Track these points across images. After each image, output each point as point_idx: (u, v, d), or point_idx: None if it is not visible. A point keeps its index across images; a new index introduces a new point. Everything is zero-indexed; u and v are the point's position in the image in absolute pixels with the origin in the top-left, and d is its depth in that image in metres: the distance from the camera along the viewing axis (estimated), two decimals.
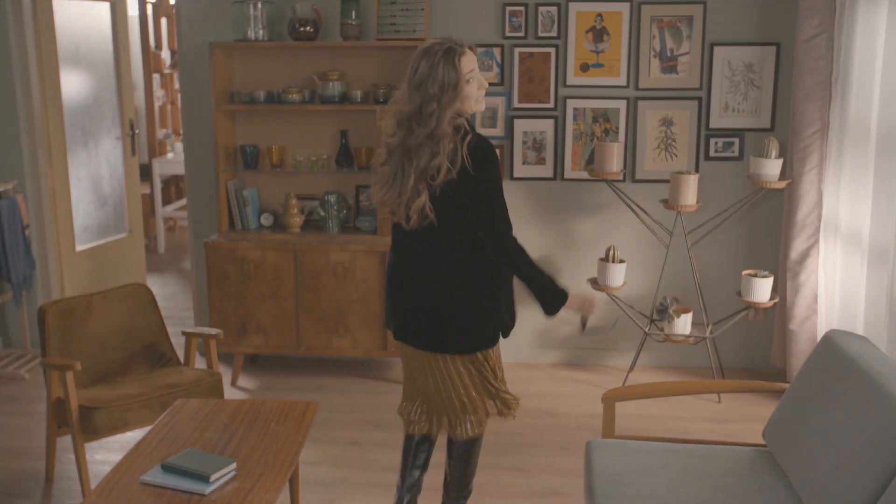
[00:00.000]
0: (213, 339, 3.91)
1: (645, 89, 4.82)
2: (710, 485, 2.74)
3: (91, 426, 3.48)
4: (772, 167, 4.46)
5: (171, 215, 8.28)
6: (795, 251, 4.50)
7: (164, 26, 8.74)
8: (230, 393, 4.66)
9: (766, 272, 4.55)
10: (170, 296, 6.58)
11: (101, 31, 5.97)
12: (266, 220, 4.98)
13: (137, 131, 6.37)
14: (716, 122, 4.82)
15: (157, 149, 8.24)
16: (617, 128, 4.85)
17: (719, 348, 4.92)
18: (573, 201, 4.97)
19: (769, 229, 4.89)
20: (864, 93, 3.95)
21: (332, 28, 4.87)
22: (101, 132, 6.04)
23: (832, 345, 2.80)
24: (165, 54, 8.86)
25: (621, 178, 4.78)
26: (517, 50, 4.83)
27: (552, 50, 4.81)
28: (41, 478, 3.79)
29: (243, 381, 4.89)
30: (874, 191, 3.81)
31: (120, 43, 6.10)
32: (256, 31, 4.74)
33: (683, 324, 4.67)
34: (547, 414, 4.45)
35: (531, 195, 4.96)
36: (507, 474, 3.82)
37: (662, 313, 4.65)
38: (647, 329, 4.73)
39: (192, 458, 2.76)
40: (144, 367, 3.97)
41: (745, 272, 4.57)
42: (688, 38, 4.75)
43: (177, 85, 8.54)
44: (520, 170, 4.95)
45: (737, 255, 4.94)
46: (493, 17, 4.82)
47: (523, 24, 4.80)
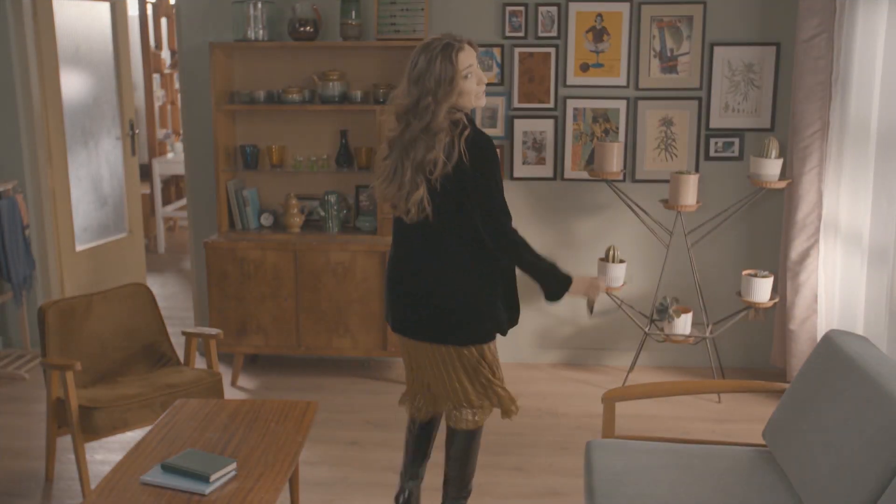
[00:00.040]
0: (213, 339, 3.91)
1: (645, 89, 4.82)
2: (710, 485, 2.74)
3: (91, 426, 3.48)
4: (772, 167, 4.46)
5: (171, 215, 8.28)
6: (795, 251, 4.50)
7: (164, 26, 8.74)
8: (230, 393, 4.66)
9: (766, 272, 4.55)
10: (170, 296, 6.58)
11: (101, 31, 5.97)
12: (266, 220, 4.98)
13: (137, 131, 6.37)
14: (716, 122, 4.82)
15: (157, 149, 8.24)
16: (617, 128, 4.85)
17: (719, 348, 4.92)
18: (573, 201, 4.97)
19: (769, 229, 4.89)
20: (864, 93, 3.95)
21: (332, 28, 4.88)
22: (101, 132, 6.04)
23: (832, 345, 2.80)
24: (165, 54, 8.86)
25: (621, 178, 4.78)
26: (517, 50, 4.83)
27: (552, 50, 4.81)
28: (41, 478, 3.79)
29: (243, 381, 4.89)
30: (874, 191, 3.81)
31: (120, 43, 6.11)
32: (256, 31, 4.74)
33: (683, 324, 4.67)
34: (547, 414, 4.45)
35: (531, 195, 4.96)
36: (507, 474, 3.82)
37: (662, 313, 4.65)
38: (647, 329, 4.73)
39: (192, 458, 2.76)
40: (144, 367, 3.97)
41: (745, 272, 4.57)
42: (688, 38, 4.75)
43: (177, 85, 8.54)
44: (520, 170, 4.95)
45: (737, 255, 4.94)
46: (493, 17, 4.82)
47: (523, 24, 4.80)
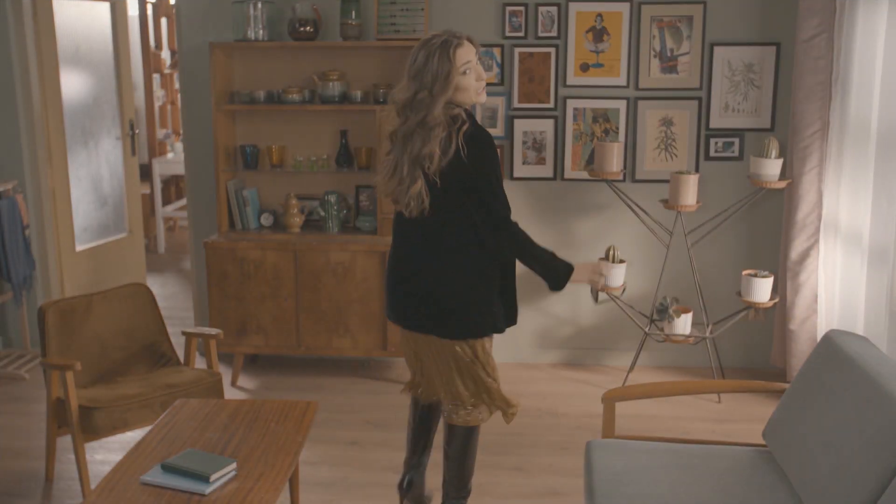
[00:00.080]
0: (213, 339, 3.91)
1: (645, 89, 4.82)
2: (710, 485, 2.74)
3: (91, 426, 3.48)
4: (772, 167, 4.46)
5: (171, 215, 8.28)
6: (795, 251, 4.50)
7: (164, 26, 8.74)
8: (230, 393, 4.66)
9: (766, 272, 4.55)
10: (170, 296, 6.58)
11: (101, 31, 5.97)
12: (266, 220, 4.98)
13: (137, 131, 6.37)
14: (716, 122, 4.82)
15: (157, 149, 8.24)
16: (617, 128, 4.85)
17: (719, 348, 4.92)
18: (573, 201, 4.97)
19: (769, 229, 4.89)
20: (864, 93, 3.95)
21: (332, 28, 4.88)
22: (101, 132, 6.04)
23: (832, 345, 2.80)
24: (165, 54, 8.86)
25: (621, 178, 4.78)
26: (517, 50, 4.83)
27: (552, 50, 4.81)
28: (41, 478, 3.79)
29: (243, 381, 4.89)
30: (874, 191, 3.81)
31: (120, 43, 6.11)
32: (256, 31, 4.74)
33: (683, 324, 4.67)
34: (547, 414, 4.45)
35: (531, 195, 4.96)
36: (507, 474, 3.81)
37: (662, 313, 4.65)
38: (647, 329, 4.73)
39: (192, 458, 2.76)
40: (144, 367, 3.97)
41: (745, 272, 4.57)
42: (688, 38, 4.75)
43: (177, 85, 8.54)
44: (520, 170, 4.95)
45: (737, 255, 4.94)
46: (493, 17, 4.82)
47: (523, 24, 4.80)
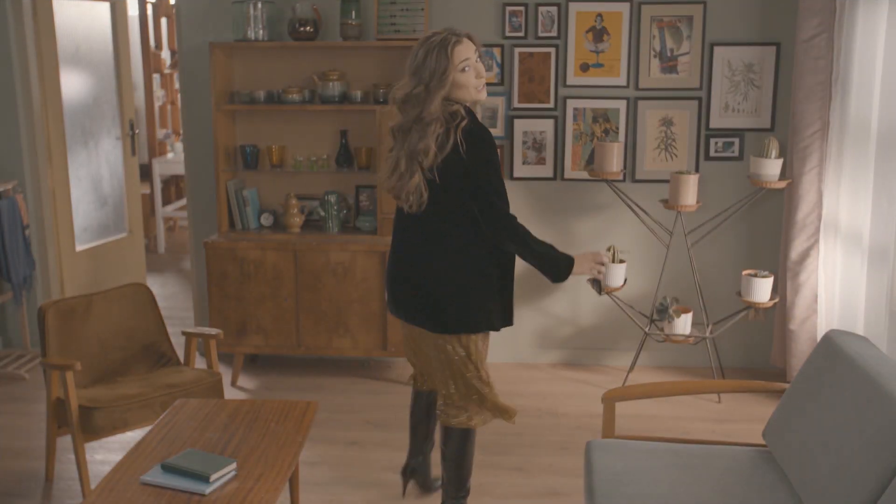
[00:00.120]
0: (213, 339, 3.91)
1: (645, 89, 4.82)
2: (710, 485, 2.74)
3: (91, 426, 3.48)
4: (772, 167, 4.46)
5: (171, 215, 8.28)
6: (795, 251, 4.50)
7: (164, 26, 8.74)
8: (230, 393, 4.66)
9: (766, 272, 4.55)
10: (170, 296, 6.58)
11: (101, 31, 5.97)
12: (266, 220, 4.98)
13: (137, 131, 6.37)
14: (716, 122, 4.82)
15: (157, 149, 8.24)
16: (617, 128, 4.85)
17: (719, 348, 4.92)
18: (573, 201, 4.97)
19: (769, 229, 4.89)
20: (864, 93, 3.95)
21: (332, 28, 4.88)
22: (101, 132, 6.04)
23: (832, 345, 2.80)
24: (165, 54, 8.86)
25: (621, 178, 4.78)
26: (517, 50, 4.83)
27: (552, 50, 4.81)
28: (41, 478, 3.79)
29: (243, 381, 4.89)
30: (874, 191, 3.81)
31: (120, 43, 6.10)
32: (256, 31, 4.74)
33: (683, 324, 4.67)
34: (547, 414, 4.45)
35: (531, 195, 4.96)
36: (507, 474, 3.81)
37: (662, 313, 4.65)
38: (647, 329, 4.73)
39: (192, 458, 2.76)
40: (144, 367, 3.97)
41: (745, 272, 4.57)
42: (688, 38, 4.75)
43: (177, 85, 8.54)
44: (520, 170, 4.94)
45: (737, 255, 4.94)
46: (493, 17, 4.82)
47: (523, 24, 4.80)
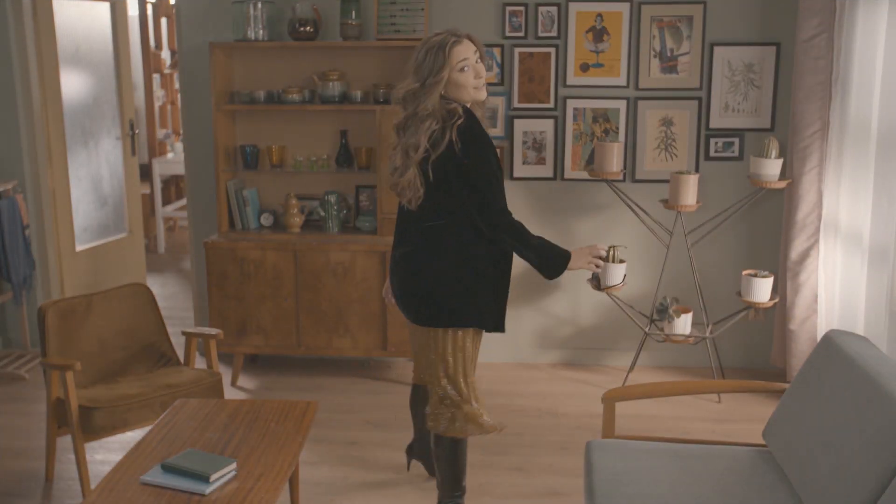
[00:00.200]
0: (213, 339, 3.91)
1: (645, 89, 4.82)
2: (710, 485, 2.74)
3: (91, 426, 3.48)
4: (772, 167, 4.46)
5: (171, 215, 8.28)
6: (795, 251, 4.50)
7: (164, 26, 8.74)
8: (230, 393, 4.66)
9: (766, 272, 4.55)
10: (170, 296, 6.58)
11: (101, 31, 5.97)
12: (266, 220, 4.98)
13: (137, 131, 6.37)
14: (716, 122, 4.82)
15: (157, 149, 8.24)
16: (617, 128, 4.85)
17: (719, 348, 4.92)
18: (573, 201, 4.97)
19: (769, 229, 4.89)
20: (864, 93, 3.95)
21: (332, 28, 4.87)
22: (101, 132, 6.04)
23: (832, 345, 2.80)
24: (165, 54, 8.86)
25: (621, 178, 4.78)
26: (517, 50, 4.83)
27: (552, 50, 4.81)
28: (41, 478, 3.79)
29: (243, 381, 4.89)
30: (874, 191, 3.81)
31: (120, 43, 6.10)
32: (256, 31, 4.74)
33: (683, 324, 4.67)
34: (547, 414, 4.45)
35: (531, 195, 4.96)
36: (507, 474, 3.81)
37: (662, 313, 4.65)
38: (647, 329, 4.73)
39: (192, 458, 2.76)
40: (144, 367, 3.97)
41: (745, 272, 4.56)
42: (688, 38, 4.75)
43: (177, 85, 8.54)
44: (520, 170, 4.94)
45: (737, 255, 4.94)
46: (493, 17, 4.82)
47: (523, 24, 4.80)
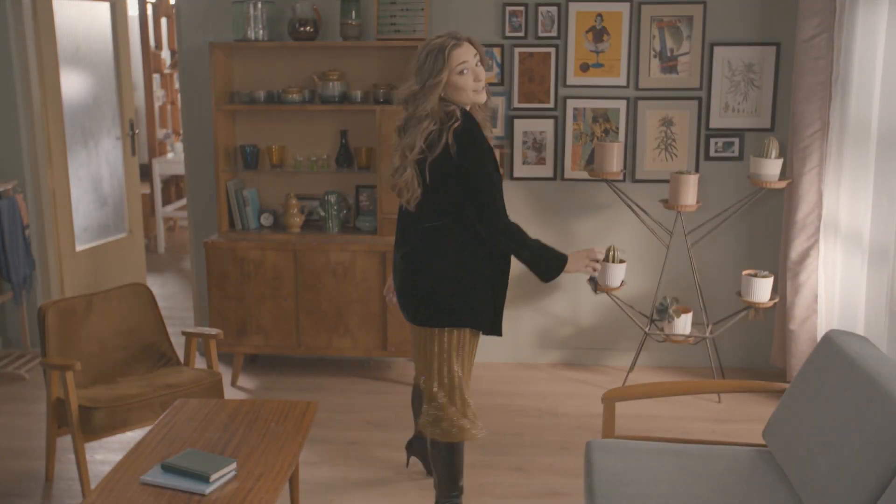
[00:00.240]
0: (213, 339, 3.91)
1: (645, 89, 4.82)
2: (710, 485, 2.74)
3: (91, 426, 3.48)
4: (772, 167, 4.46)
5: (171, 215, 8.28)
6: (795, 251, 4.50)
7: (164, 26, 8.74)
8: (230, 393, 4.66)
9: (766, 272, 4.55)
10: (170, 296, 6.58)
11: (101, 31, 5.97)
12: (266, 220, 4.98)
13: (137, 131, 6.37)
14: (716, 122, 4.82)
15: (157, 149, 8.24)
16: (617, 128, 4.85)
17: (719, 348, 4.91)
18: (573, 201, 4.97)
19: (769, 229, 4.89)
20: (864, 93, 3.95)
21: (332, 28, 4.87)
22: (101, 132, 6.04)
23: (832, 345, 2.80)
24: (165, 54, 8.86)
25: (621, 178, 4.78)
26: (517, 50, 4.83)
27: (552, 50, 4.81)
28: (41, 478, 3.79)
29: (243, 381, 4.89)
30: (874, 191, 3.81)
31: (120, 43, 6.10)
32: (256, 31, 4.74)
33: (683, 324, 4.67)
34: (547, 414, 4.45)
35: (531, 195, 4.96)
36: (507, 474, 3.81)
37: (662, 313, 4.65)
38: (647, 329, 4.73)
39: (192, 458, 2.76)
40: (144, 367, 3.97)
41: (745, 272, 4.56)
42: (688, 38, 4.75)
43: (177, 85, 8.54)
44: (520, 170, 4.94)
45: (737, 255, 4.94)
46: (493, 17, 4.82)
47: (523, 24, 4.80)
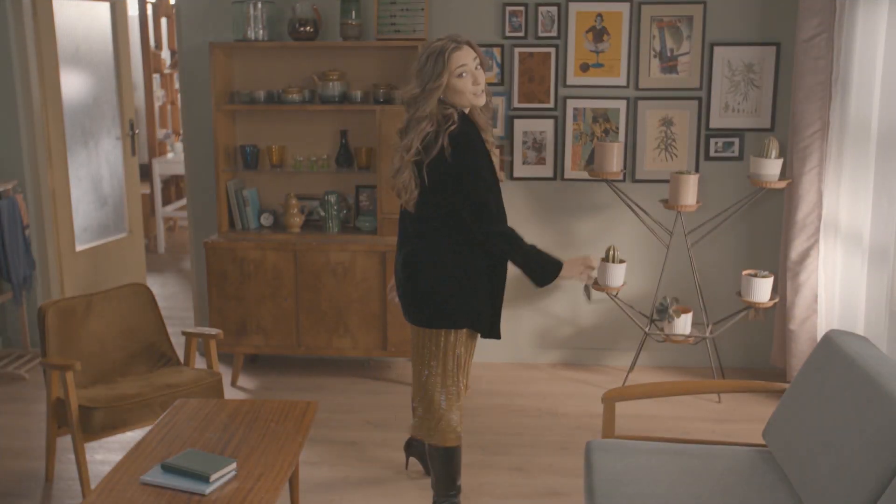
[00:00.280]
0: (213, 339, 3.91)
1: (645, 89, 4.82)
2: (710, 485, 2.74)
3: (91, 426, 3.48)
4: (772, 167, 4.46)
5: (171, 215, 8.28)
6: (795, 251, 4.50)
7: (164, 26, 8.74)
8: (230, 393, 4.66)
9: (766, 272, 4.55)
10: (170, 296, 6.58)
11: (101, 31, 5.97)
12: (266, 220, 4.98)
13: (137, 131, 6.37)
14: (716, 122, 4.82)
15: (157, 149, 8.24)
16: (617, 128, 4.85)
17: (719, 348, 4.91)
18: (573, 201, 4.97)
19: (769, 229, 4.89)
20: (864, 93, 3.95)
21: (332, 28, 4.87)
22: (101, 132, 6.04)
23: (832, 345, 2.80)
24: (165, 54, 8.86)
25: (621, 178, 4.78)
26: (517, 50, 4.83)
27: (552, 50, 4.81)
28: (41, 478, 3.79)
29: (243, 381, 4.89)
30: (874, 191, 3.81)
31: (120, 43, 6.10)
32: (256, 31, 4.74)
33: (683, 324, 4.67)
34: (547, 414, 4.45)
35: (531, 195, 4.96)
36: (507, 474, 3.81)
37: (662, 313, 4.65)
38: (647, 329, 4.73)
39: (192, 458, 2.76)
40: (144, 367, 3.97)
41: (745, 272, 4.56)
42: (688, 38, 4.75)
43: (177, 85, 8.54)
44: (520, 170, 4.94)
45: (737, 255, 4.94)
46: (493, 17, 4.82)
47: (523, 24, 4.80)
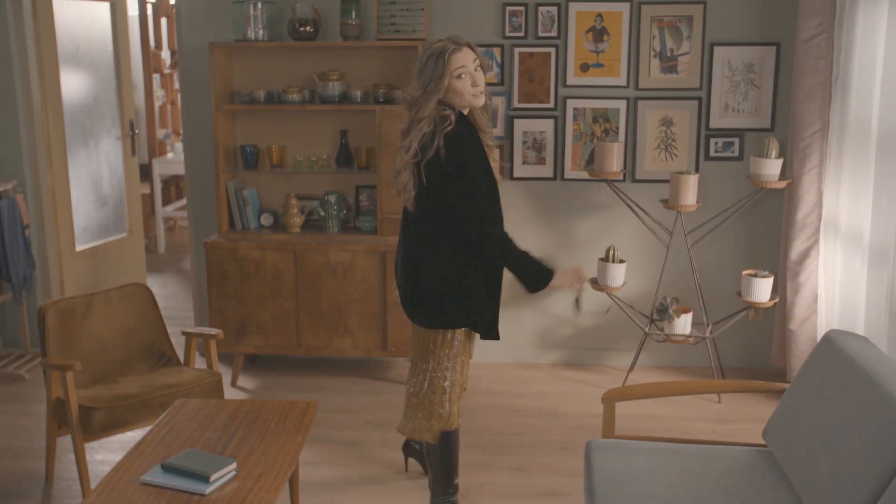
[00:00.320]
0: (213, 339, 3.91)
1: (645, 89, 4.82)
2: (710, 485, 2.74)
3: (91, 426, 3.48)
4: (772, 167, 4.46)
5: (171, 215, 8.28)
6: (795, 251, 4.50)
7: (164, 26, 8.74)
8: (230, 393, 4.66)
9: (766, 272, 4.55)
10: (170, 296, 6.58)
11: (101, 31, 5.97)
12: (266, 220, 4.98)
13: (137, 131, 6.37)
14: (716, 122, 4.82)
15: (157, 149, 8.24)
16: (617, 128, 4.85)
17: (719, 348, 4.91)
18: (573, 201, 4.97)
19: (769, 229, 4.89)
20: (864, 93, 3.95)
21: (332, 28, 4.87)
22: (101, 132, 6.04)
23: (832, 345, 2.80)
24: (165, 54, 8.86)
25: (621, 178, 4.78)
26: (517, 50, 4.83)
27: (552, 50, 4.81)
28: (41, 478, 3.79)
29: (243, 381, 4.89)
30: (874, 191, 3.81)
31: (120, 43, 6.10)
32: (256, 31, 4.74)
33: (683, 324, 4.67)
34: (547, 414, 4.45)
35: (531, 195, 4.96)
36: (507, 474, 3.81)
37: (662, 313, 4.65)
38: (647, 329, 4.73)
39: (192, 458, 2.76)
40: (144, 367, 3.97)
41: (745, 272, 4.56)
42: (688, 38, 4.75)
43: (177, 85, 8.54)
44: (520, 170, 4.94)
45: (737, 255, 4.94)
46: (493, 17, 4.82)
47: (523, 24, 4.80)
